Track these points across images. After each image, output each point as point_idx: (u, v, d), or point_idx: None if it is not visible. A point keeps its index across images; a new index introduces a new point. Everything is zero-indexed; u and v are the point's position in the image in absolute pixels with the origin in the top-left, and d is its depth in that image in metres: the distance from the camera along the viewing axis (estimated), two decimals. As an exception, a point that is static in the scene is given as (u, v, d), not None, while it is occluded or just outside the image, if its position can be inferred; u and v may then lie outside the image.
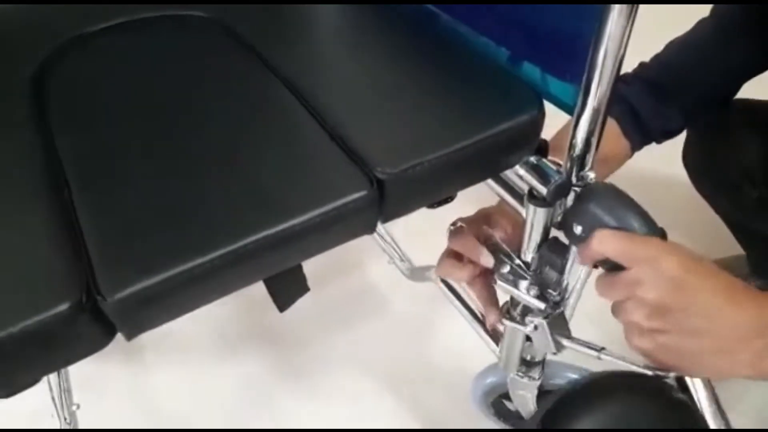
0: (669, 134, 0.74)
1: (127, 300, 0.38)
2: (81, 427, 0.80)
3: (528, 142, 0.50)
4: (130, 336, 0.41)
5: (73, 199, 0.45)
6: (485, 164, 0.50)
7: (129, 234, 0.42)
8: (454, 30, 0.60)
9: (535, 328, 0.60)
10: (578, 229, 0.52)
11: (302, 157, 0.47)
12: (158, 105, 0.54)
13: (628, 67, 0.59)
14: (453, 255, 0.65)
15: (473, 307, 0.80)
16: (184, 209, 0.43)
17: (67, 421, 0.79)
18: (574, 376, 0.72)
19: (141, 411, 0.95)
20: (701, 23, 0.76)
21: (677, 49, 0.75)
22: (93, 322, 0.38)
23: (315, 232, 0.43)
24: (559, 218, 0.58)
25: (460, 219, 0.65)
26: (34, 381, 0.40)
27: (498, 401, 0.88)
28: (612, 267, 0.50)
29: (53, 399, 0.80)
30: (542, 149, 0.55)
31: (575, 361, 0.69)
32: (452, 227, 0.63)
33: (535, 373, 0.74)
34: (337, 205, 0.43)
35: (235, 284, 0.43)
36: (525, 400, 0.78)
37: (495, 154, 0.49)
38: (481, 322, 0.78)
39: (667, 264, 0.45)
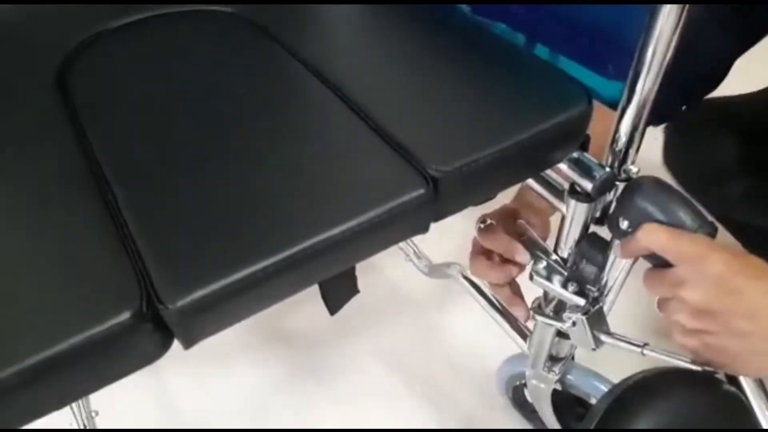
0: (664, 116, 0.73)
1: (189, 307, 0.37)
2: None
3: (577, 136, 0.50)
4: (187, 344, 0.39)
5: (118, 202, 0.43)
6: (536, 160, 0.49)
7: (182, 240, 0.40)
8: (487, 28, 0.60)
9: (573, 324, 0.60)
10: (624, 224, 0.51)
11: (352, 156, 0.46)
12: (189, 102, 0.53)
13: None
14: (483, 253, 0.64)
15: (497, 303, 0.80)
16: (236, 214, 0.42)
17: (87, 428, 0.77)
18: (597, 384, 0.72)
19: (161, 413, 0.94)
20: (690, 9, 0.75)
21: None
22: (152, 331, 0.37)
23: (371, 233, 0.42)
24: (598, 214, 0.57)
25: (488, 215, 0.64)
26: (84, 394, 0.38)
27: (519, 388, 0.88)
28: (659, 263, 0.50)
29: (71, 407, 0.78)
30: (584, 144, 0.54)
31: (610, 360, 0.69)
32: (482, 225, 0.62)
33: (557, 368, 0.74)
34: (394, 205, 0.42)
35: (291, 289, 0.42)
36: (539, 392, 0.78)
37: (546, 149, 0.48)
38: (507, 317, 0.78)
39: (713, 264, 0.44)
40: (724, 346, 0.46)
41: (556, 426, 0.84)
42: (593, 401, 0.73)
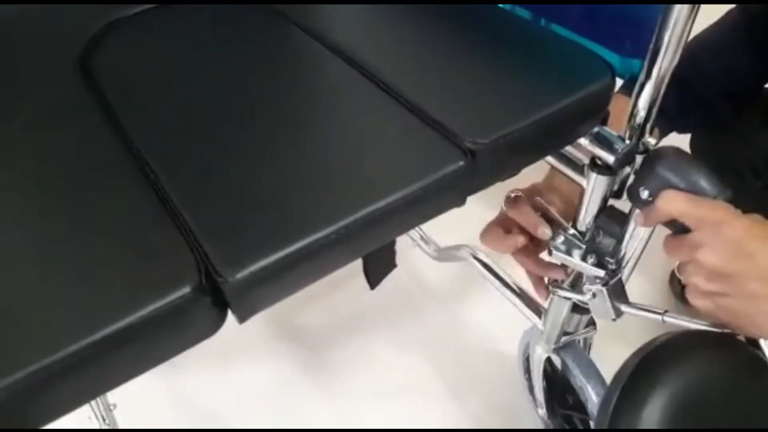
0: (691, 127, 0.75)
1: (246, 280, 0.37)
2: (120, 427, 0.78)
3: (601, 110, 0.51)
4: (242, 318, 0.40)
5: (161, 180, 0.43)
6: (563, 132, 0.50)
7: (232, 216, 0.41)
8: (508, 10, 0.61)
9: (594, 295, 0.62)
10: (645, 193, 0.53)
11: (389, 132, 0.47)
12: (215, 84, 0.53)
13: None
14: (500, 225, 0.66)
15: (509, 281, 0.81)
16: (280, 190, 0.43)
17: (107, 422, 0.77)
18: (590, 375, 0.74)
19: (176, 407, 0.93)
20: (728, 16, 0.76)
21: (702, 42, 0.75)
22: (210, 306, 0.38)
23: (415, 205, 0.43)
24: (616, 187, 0.59)
25: (516, 190, 0.66)
26: (146, 369, 0.38)
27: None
28: (679, 229, 0.52)
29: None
30: (604, 119, 0.56)
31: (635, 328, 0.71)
32: (511, 195, 0.63)
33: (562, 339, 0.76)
34: (436, 178, 0.43)
35: (340, 261, 0.42)
36: (536, 358, 0.81)
37: (573, 121, 0.50)
38: (519, 295, 0.79)
39: (730, 228, 0.46)
40: (737, 308, 0.48)
41: (540, 397, 0.86)
42: (581, 393, 0.75)
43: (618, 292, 0.62)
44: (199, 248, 0.38)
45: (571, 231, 0.62)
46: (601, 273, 0.60)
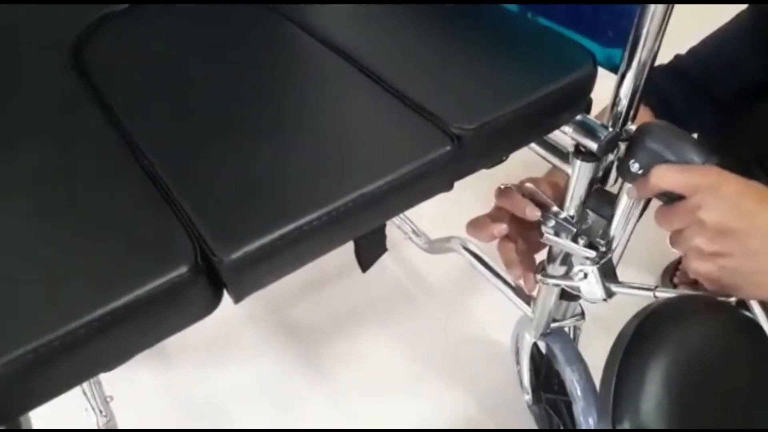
0: (703, 128, 0.76)
1: (242, 260, 0.38)
2: (116, 419, 0.79)
3: (583, 97, 0.53)
4: (238, 298, 0.41)
5: (156, 168, 0.44)
6: (548, 119, 0.52)
7: (225, 199, 0.42)
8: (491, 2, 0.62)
9: (585, 276, 0.63)
10: (635, 167, 0.54)
11: (377, 119, 0.48)
12: (206, 76, 0.54)
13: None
14: (487, 217, 0.67)
15: (499, 271, 0.82)
16: (271, 174, 0.44)
17: (103, 413, 0.77)
18: (574, 362, 0.76)
19: (172, 400, 0.94)
20: (738, 17, 0.77)
21: (713, 43, 0.76)
22: (206, 286, 0.39)
23: (404, 189, 0.44)
24: (601, 173, 0.61)
25: (504, 184, 0.67)
26: (141, 349, 0.39)
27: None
28: (671, 199, 0.53)
29: (84, 393, 0.78)
30: (587, 108, 0.58)
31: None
32: (501, 186, 0.64)
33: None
34: (424, 162, 0.44)
35: (333, 243, 0.44)
36: (524, 343, 0.83)
37: (557, 108, 0.51)
38: (509, 284, 0.81)
39: (727, 189, 0.47)
40: (738, 268, 0.48)
41: (527, 383, 0.88)
42: (564, 376, 0.77)
43: (608, 273, 0.63)
44: (194, 230, 0.40)
45: (562, 215, 0.63)
46: (592, 253, 0.62)
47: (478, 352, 1.00)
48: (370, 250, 0.59)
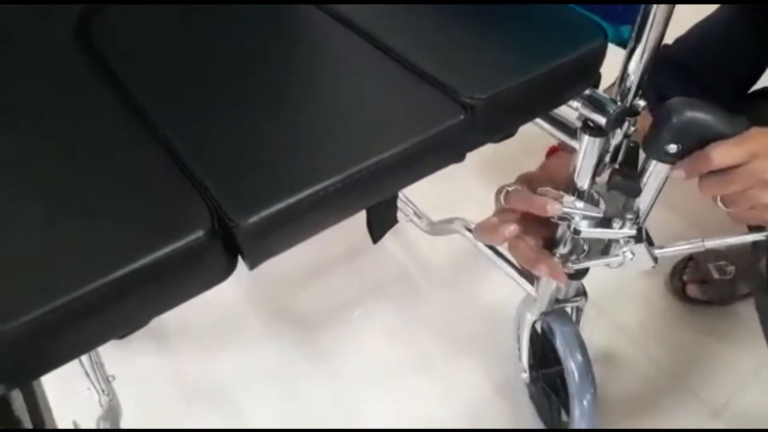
0: None
1: (258, 225, 0.38)
2: (119, 399, 0.79)
3: (594, 70, 0.53)
4: (253, 264, 0.41)
5: (170, 138, 0.44)
6: (558, 92, 0.52)
7: (240, 167, 0.42)
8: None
9: (633, 254, 0.62)
10: (672, 148, 0.53)
11: (392, 90, 0.48)
12: (214, 49, 0.54)
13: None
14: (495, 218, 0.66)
15: (502, 251, 0.83)
16: (285, 143, 0.44)
17: (105, 392, 0.77)
18: (571, 341, 0.77)
19: (173, 384, 0.94)
20: (723, 7, 0.78)
21: (701, 29, 0.77)
22: (222, 251, 0.39)
23: (417, 159, 0.44)
24: (611, 150, 0.61)
25: (507, 185, 0.62)
26: (157, 313, 0.39)
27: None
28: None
29: (87, 374, 0.78)
30: (596, 83, 0.58)
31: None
32: (508, 189, 0.60)
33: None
34: (438, 131, 0.44)
35: (346, 212, 0.44)
36: (524, 321, 0.84)
37: (567, 80, 0.51)
38: (513, 264, 0.81)
39: None
40: None
41: (525, 359, 0.88)
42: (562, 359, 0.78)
43: (648, 241, 0.62)
44: (210, 197, 0.40)
45: (580, 204, 0.61)
46: (632, 232, 0.61)
47: (483, 332, 1.01)
48: (381, 222, 0.59)
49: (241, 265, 0.41)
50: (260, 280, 1.08)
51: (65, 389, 0.65)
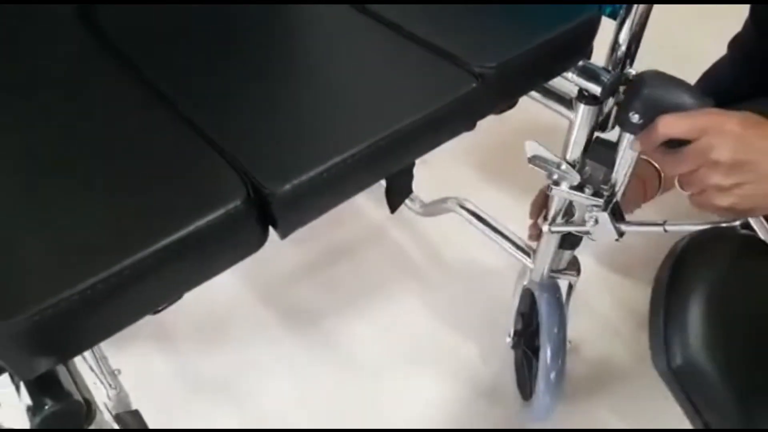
0: (735, 100, 0.80)
1: (292, 192, 0.40)
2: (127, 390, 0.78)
3: (588, 42, 0.56)
4: (284, 233, 0.42)
5: (190, 114, 0.45)
6: (558, 60, 0.54)
7: (267, 140, 0.43)
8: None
9: (596, 221, 0.66)
10: (635, 117, 0.56)
11: (404, 63, 0.50)
12: (230, 27, 0.55)
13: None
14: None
15: (497, 226, 0.85)
16: (307, 117, 0.45)
17: (112, 386, 0.77)
18: (554, 315, 0.80)
19: (175, 375, 0.94)
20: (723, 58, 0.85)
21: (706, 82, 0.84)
22: (256, 220, 0.40)
23: (433, 126, 0.46)
24: (602, 119, 0.64)
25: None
26: (196, 284, 0.40)
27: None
28: (674, 145, 0.56)
29: (91, 368, 0.77)
30: (589, 54, 0.61)
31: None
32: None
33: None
34: (453, 99, 0.46)
35: (369, 179, 0.45)
36: (518, 286, 0.87)
37: (567, 50, 0.54)
38: (508, 238, 0.84)
39: (730, 125, 0.51)
40: (756, 191, 0.52)
41: (511, 325, 0.91)
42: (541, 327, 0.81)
43: (617, 214, 0.66)
44: (241, 168, 0.40)
45: (564, 165, 0.66)
46: (600, 201, 0.64)
47: (484, 311, 1.03)
48: (399, 190, 0.61)
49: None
50: (261, 272, 1.08)
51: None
